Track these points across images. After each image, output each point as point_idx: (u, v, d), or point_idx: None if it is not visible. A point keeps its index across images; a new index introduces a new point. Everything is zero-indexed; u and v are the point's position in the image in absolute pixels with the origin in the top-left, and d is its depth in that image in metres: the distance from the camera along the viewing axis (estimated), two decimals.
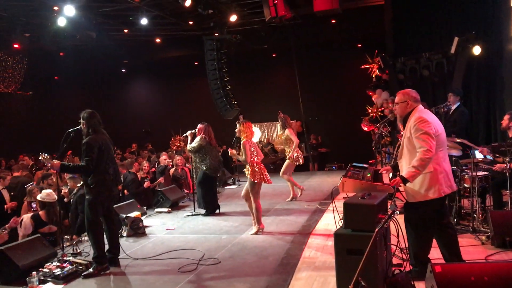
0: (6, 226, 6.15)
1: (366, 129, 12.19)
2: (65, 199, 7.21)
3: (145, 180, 9.21)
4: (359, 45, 15.63)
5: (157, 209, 8.76)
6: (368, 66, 13.12)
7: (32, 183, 8.40)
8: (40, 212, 6.57)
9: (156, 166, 10.60)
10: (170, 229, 7.27)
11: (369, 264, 3.17)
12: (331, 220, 6.56)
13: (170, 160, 10.51)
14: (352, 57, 15.25)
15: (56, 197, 6.80)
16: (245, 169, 6.70)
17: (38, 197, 6.70)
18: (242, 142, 6.68)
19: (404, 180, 4.07)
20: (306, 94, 15.59)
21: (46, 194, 6.66)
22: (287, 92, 16.27)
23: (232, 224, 7.34)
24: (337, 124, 16.22)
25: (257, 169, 6.53)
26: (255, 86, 17.09)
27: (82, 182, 6.10)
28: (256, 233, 6.56)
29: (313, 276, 4.71)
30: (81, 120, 5.41)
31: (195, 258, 5.54)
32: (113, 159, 5.53)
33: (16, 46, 14.49)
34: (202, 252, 5.77)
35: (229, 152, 6.95)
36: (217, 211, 8.25)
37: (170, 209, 8.71)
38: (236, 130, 7.00)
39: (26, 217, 6.55)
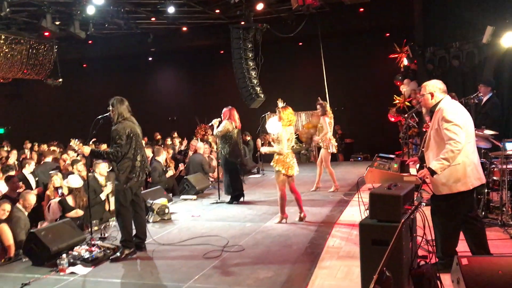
0: None
1: (393, 119, 12.04)
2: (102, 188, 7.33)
3: (167, 169, 9.29)
4: (387, 34, 15.36)
5: (182, 196, 8.88)
6: (396, 56, 12.90)
7: (56, 169, 8.61)
8: (67, 197, 6.74)
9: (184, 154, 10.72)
10: (195, 216, 7.37)
11: (394, 255, 3.15)
12: (355, 211, 6.54)
13: (200, 148, 10.59)
14: (380, 46, 14.99)
15: (82, 182, 6.95)
16: (272, 162, 6.65)
17: (65, 183, 6.87)
18: (278, 130, 6.51)
19: (432, 172, 4.02)
20: (332, 84, 15.40)
21: (73, 179, 6.82)
22: (313, 81, 16.11)
23: (256, 213, 7.39)
24: (363, 114, 16.02)
25: (282, 159, 6.49)
26: (281, 75, 16.99)
27: (111, 168, 6.22)
28: (279, 222, 6.59)
29: (337, 265, 4.72)
30: (110, 107, 5.51)
31: (219, 245, 5.62)
32: (141, 146, 5.63)
33: (46, 34, 14.77)
34: (226, 239, 5.85)
35: (257, 143, 6.90)
36: (241, 199, 8.30)
37: (195, 197, 8.82)
38: (264, 117, 6.89)
39: (54, 202, 6.74)
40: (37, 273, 4.94)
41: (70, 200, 6.81)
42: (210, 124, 8.65)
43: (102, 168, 7.38)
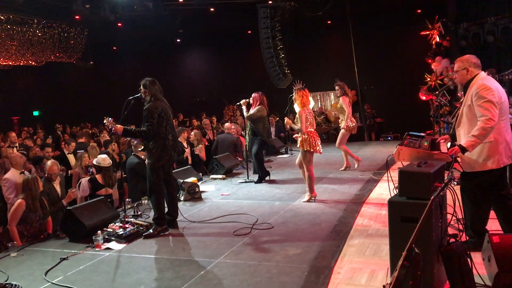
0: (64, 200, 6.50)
1: (424, 98, 11.81)
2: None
3: (184, 149, 9.37)
4: (419, 11, 14.96)
5: (212, 176, 9.01)
6: (428, 33, 12.60)
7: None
8: (97, 176, 6.93)
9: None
10: (224, 195, 7.48)
11: (424, 232, 3.15)
12: (385, 190, 6.52)
13: (230, 128, 10.67)
14: (411, 23, 14.66)
15: (111, 162, 7.12)
16: (297, 136, 6.70)
17: (94, 162, 7.05)
18: (298, 110, 6.65)
19: (463, 149, 3.96)
20: (362, 63, 15.20)
21: (102, 159, 6.98)
22: (342, 60, 15.93)
23: (285, 192, 7.44)
24: (394, 93, 15.76)
25: (308, 138, 6.53)
26: (309, 55, 16.83)
27: (143, 147, 6.35)
28: (308, 200, 6.63)
29: (366, 243, 4.75)
30: (142, 88, 5.61)
31: (249, 223, 5.71)
32: (172, 126, 5.73)
33: (77, 17, 15.03)
34: (255, 217, 5.93)
35: (285, 120, 6.95)
36: (267, 177, 8.38)
37: (224, 176, 8.93)
38: (292, 97, 6.96)
39: (84, 180, 6.94)
40: (74, 249, 5.14)
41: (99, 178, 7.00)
42: (238, 104, 8.69)
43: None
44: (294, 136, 6.85)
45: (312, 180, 6.66)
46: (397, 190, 3.68)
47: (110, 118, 5.55)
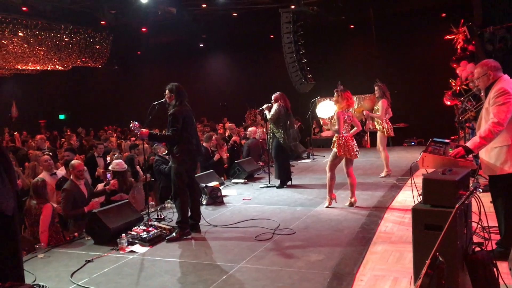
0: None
1: (448, 103, 11.63)
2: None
3: (214, 153, 9.45)
4: (443, 14, 14.77)
5: (233, 180, 9.05)
6: (452, 37, 12.40)
7: (117, 153, 8.98)
8: (112, 181, 6.96)
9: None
10: (246, 199, 7.51)
11: (448, 240, 3.11)
12: (408, 196, 6.45)
13: (255, 132, 10.73)
14: (435, 27, 14.46)
15: (126, 167, 7.15)
16: (333, 140, 6.67)
17: (110, 167, 7.11)
18: (336, 112, 6.57)
19: (468, 151, 3.93)
20: (385, 67, 15.08)
21: (116, 163, 6.99)
22: (365, 64, 15.84)
23: (307, 197, 7.43)
24: (417, 98, 15.56)
25: (341, 143, 6.48)
26: (332, 59, 16.77)
27: (166, 151, 6.43)
28: (329, 204, 6.60)
29: (389, 250, 4.71)
30: (167, 93, 5.70)
31: (270, 228, 5.72)
32: (195, 131, 5.82)
33: (102, 22, 15.35)
34: (277, 222, 5.94)
35: (321, 121, 6.92)
36: (289, 182, 8.37)
37: (246, 180, 8.97)
38: (333, 99, 6.86)
39: (100, 186, 7.02)
40: (99, 251, 5.23)
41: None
42: (260, 109, 8.71)
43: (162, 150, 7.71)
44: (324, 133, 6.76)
45: (333, 181, 6.63)
46: (421, 197, 3.65)
47: (136, 122, 5.65)
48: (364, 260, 4.49)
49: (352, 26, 16.69)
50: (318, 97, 11.83)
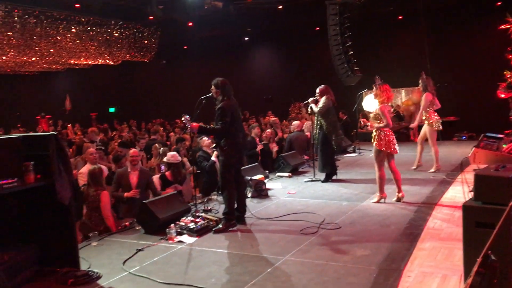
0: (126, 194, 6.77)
1: (503, 96, 11.18)
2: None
3: (256, 144, 9.50)
4: (499, 3, 14.14)
5: (278, 173, 9.09)
6: (508, 26, 11.87)
7: (164, 146, 9.20)
8: (167, 173, 7.20)
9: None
10: (291, 193, 7.54)
11: (501, 239, 3.02)
12: (458, 192, 6.30)
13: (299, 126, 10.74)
14: (488, 16, 13.89)
15: (180, 159, 7.37)
16: (373, 135, 6.58)
17: (164, 159, 7.33)
18: (379, 107, 6.49)
19: None
20: (435, 59, 14.62)
21: (171, 155, 7.22)
22: (414, 57, 15.40)
23: (353, 192, 7.37)
24: (469, 91, 15.01)
25: (382, 137, 6.41)
26: (379, 51, 16.44)
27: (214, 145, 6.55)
28: (377, 201, 6.52)
29: (438, 247, 4.61)
30: (213, 88, 5.81)
31: (316, 222, 5.72)
32: (241, 125, 5.90)
33: (151, 18, 15.69)
34: (322, 217, 5.93)
35: (361, 121, 6.84)
36: (334, 176, 8.31)
37: (290, 174, 8.99)
38: (366, 94, 6.83)
39: (156, 177, 7.24)
40: (149, 241, 5.41)
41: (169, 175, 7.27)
42: (305, 102, 8.68)
43: (207, 143, 7.88)
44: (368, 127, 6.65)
45: (383, 181, 6.54)
46: (471, 193, 3.56)
47: (187, 116, 5.79)
48: (411, 256, 4.42)
49: (400, 17, 16.27)
50: (365, 90, 11.64)
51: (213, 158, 7.67)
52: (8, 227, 4.59)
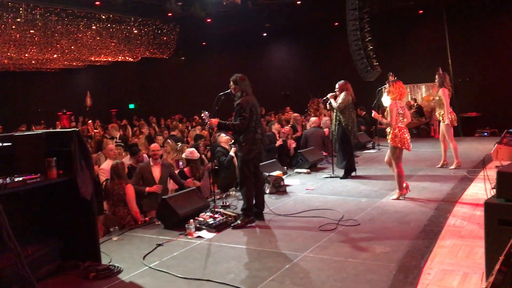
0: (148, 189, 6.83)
1: None
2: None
3: (276, 139, 9.49)
4: None
5: (296, 170, 9.08)
6: None
7: (183, 142, 9.29)
8: (185, 169, 7.26)
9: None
10: (309, 189, 7.52)
11: None
12: (480, 189, 6.21)
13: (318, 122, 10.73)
14: (511, 10, 13.60)
15: (198, 155, 7.44)
16: (387, 132, 6.54)
17: (183, 155, 7.41)
18: (389, 104, 6.46)
19: None
20: (456, 54, 14.40)
21: (190, 152, 7.31)
22: (435, 52, 15.17)
23: (372, 188, 7.32)
24: (491, 86, 14.72)
25: (398, 134, 6.35)
26: (399, 46, 16.22)
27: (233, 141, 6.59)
28: (397, 198, 6.47)
29: (458, 244, 4.56)
30: (232, 84, 5.83)
31: (334, 218, 5.70)
32: (260, 120, 5.91)
33: (169, 14, 15.77)
34: (341, 213, 5.90)
35: (373, 114, 6.83)
36: (353, 173, 8.26)
37: (309, 170, 8.96)
38: (380, 91, 6.81)
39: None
40: (168, 236, 5.46)
41: (187, 171, 7.34)
42: (324, 98, 8.64)
43: (225, 139, 7.93)
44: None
45: (401, 178, 6.49)
46: (494, 190, 3.50)
47: (207, 112, 5.83)
48: (431, 254, 4.38)
49: (421, 11, 16.02)
50: (385, 85, 11.52)
51: (231, 153, 7.71)
52: (32, 221, 4.69)
